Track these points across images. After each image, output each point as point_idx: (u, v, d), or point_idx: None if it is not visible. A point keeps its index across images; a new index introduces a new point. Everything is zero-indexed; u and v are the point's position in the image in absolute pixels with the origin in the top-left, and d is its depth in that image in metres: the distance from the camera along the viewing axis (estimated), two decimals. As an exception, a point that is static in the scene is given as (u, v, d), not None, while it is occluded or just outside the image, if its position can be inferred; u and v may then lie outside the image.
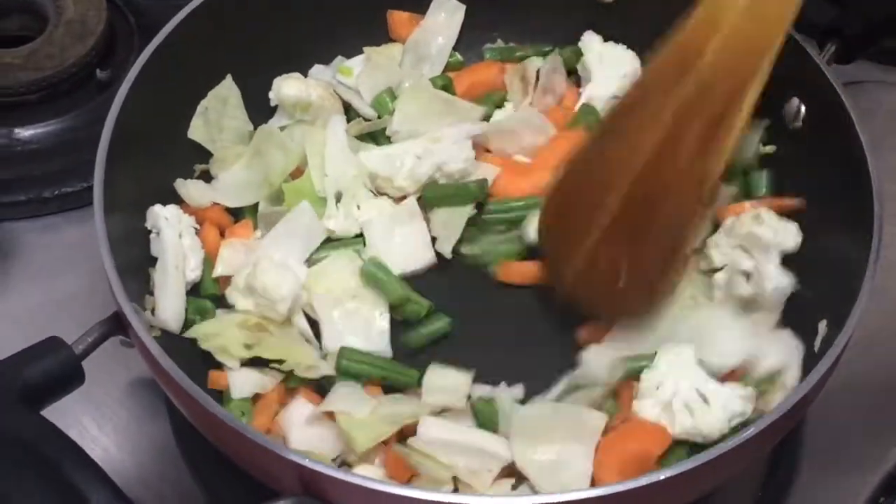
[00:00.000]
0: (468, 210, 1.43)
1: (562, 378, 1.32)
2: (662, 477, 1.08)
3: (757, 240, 1.35)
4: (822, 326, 1.29)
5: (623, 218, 1.29)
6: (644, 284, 1.34)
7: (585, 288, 1.36)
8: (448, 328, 1.37)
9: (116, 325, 1.23)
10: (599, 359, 1.33)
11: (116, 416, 1.43)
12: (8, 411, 1.11)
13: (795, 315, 1.35)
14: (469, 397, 1.30)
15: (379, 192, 1.46)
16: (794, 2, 1.24)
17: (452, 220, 1.42)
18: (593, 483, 1.22)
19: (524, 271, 1.42)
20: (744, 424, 1.25)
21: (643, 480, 1.08)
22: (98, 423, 1.42)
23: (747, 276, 1.36)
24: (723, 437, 1.24)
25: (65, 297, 1.52)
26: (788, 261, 1.37)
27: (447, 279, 1.43)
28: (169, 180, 1.43)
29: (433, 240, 1.43)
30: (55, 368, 1.17)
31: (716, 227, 1.41)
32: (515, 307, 1.42)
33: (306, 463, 1.08)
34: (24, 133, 1.65)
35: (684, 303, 1.35)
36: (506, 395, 1.31)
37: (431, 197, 1.44)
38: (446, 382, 1.31)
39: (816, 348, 1.28)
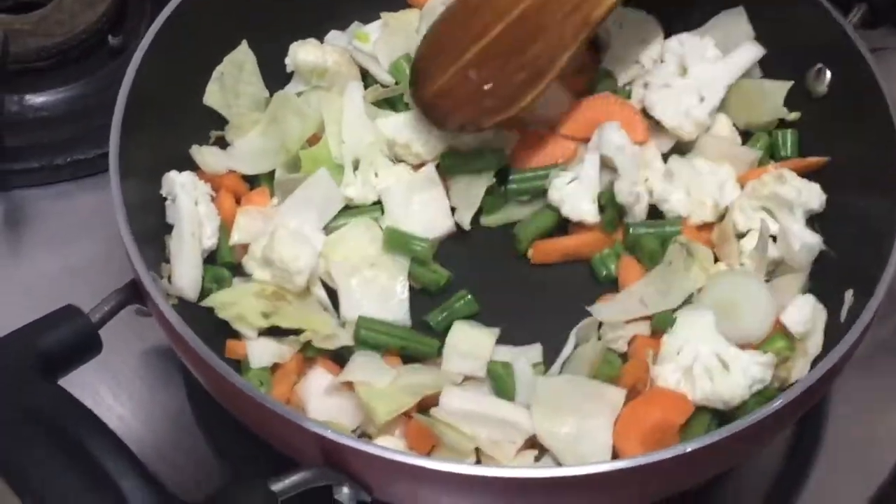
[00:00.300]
0: (488, 179, 1.41)
1: (573, 330, 1.30)
2: (689, 449, 1.06)
3: (781, 200, 1.34)
4: (849, 296, 1.27)
5: (498, 42, 1.39)
6: (505, 98, 1.38)
7: (446, 98, 1.40)
8: (475, 309, 1.34)
9: (133, 293, 1.21)
10: (611, 307, 1.32)
11: (132, 386, 1.42)
12: (25, 381, 1.09)
13: (819, 283, 1.33)
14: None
15: (397, 160, 1.43)
16: None
17: (471, 190, 1.40)
18: (614, 455, 1.21)
19: (557, 249, 1.40)
20: (764, 392, 1.24)
21: (669, 452, 1.07)
22: (113, 393, 1.41)
23: (773, 238, 1.34)
24: (743, 404, 1.23)
25: (78, 266, 1.51)
26: (814, 225, 1.36)
27: (467, 250, 1.42)
28: (184, 147, 1.41)
29: (452, 210, 1.41)
30: (72, 337, 1.15)
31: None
32: (536, 278, 1.40)
33: (328, 434, 1.07)
34: (36, 100, 1.63)
35: (710, 270, 1.33)
36: (524, 357, 1.29)
37: (449, 164, 1.42)
38: (469, 346, 1.29)
39: (842, 317, 1.26)
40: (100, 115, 1.55)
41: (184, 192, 1.33)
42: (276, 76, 1.50)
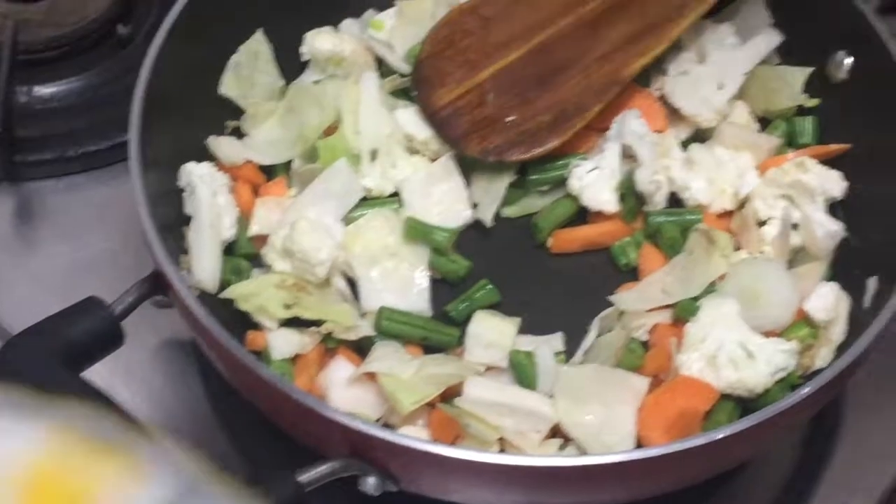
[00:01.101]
0: (510, 175, 1.40)
1: (595, 319, 1.30)
2: (720, 436, 1.06)
3: (802, 187, 1.33)
4: (872, 283, 1.27)
5: (518, 68, 1.40)
6: (529, 135, 1.38)
7: (460, 117, 1.40)
8: (496, 298, 1.33)
9: (155, 284, 1.20)
10: (632, 296, 1.31)
11: (149, 379, 1.40)
12: (49, 374, 1.08)
13: (842, 270, 1.33)
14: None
15: (414, 151, 1.43)
16: None
17: (493, 185, 1.40)
18: (639, 443, 1.21)
19: (577, 238, 1.39)
20: (787, 379, 1.24)
21: (696, 441, 1.07)
22: (130, 387, 1.39)
23: (795, 226, 1.34)
24: (766, 392, 1.23)
25: (91, 258, 1.49)
26: (835, 212, 1.36)
27: (486, 240, 1.41)
28: (201, 138, 1.40)
29: (474, 206, 1.40)
30: (94, 329, 1.15)
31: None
32: (556, 268, 1.39)
33: (356, 425, 1.06)
34: (45, 91, 1.61)
35: (731, 258, 1.32)
36: (546, 346, 1.28)
37: (471, 161, 1.41)
38: (491, 335, 1.28)
39: (866, 305, 1.26)
40: (110, 105, 1.55)
41: (202, 183, 1.32)
42: (291, 65, 1.49)
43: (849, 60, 1.40)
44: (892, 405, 1.41)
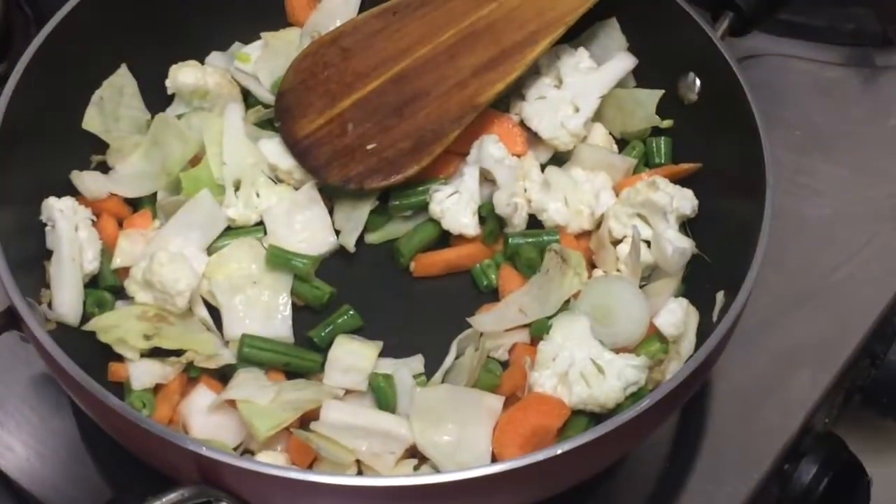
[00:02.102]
0: (371, 202, 1.43)
1: (454, 341, 1.33)
2: (559, 451, 1.09)
3: (654, 206, 1.37)
4: (720, 297, 1.30)
5: (377, 97, 1.44)
6: (390, 163, 1.42)
7: (321, 146, 1.42)
8: (358, 323, 1.36)
9: (10, 320, 1.21)
10: (490, 317, 1.34)
11: (19, 413, 1.41)
12: None
13: (693, 286, 1.37)
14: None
15: (278, 180, 1.45)
16: None
17: (355, 212, 1.43)
18: (494, 462, 1.23)
19: (438, 262, 1.42)
20: (639, 393, 1.27)
21: (541, 455, 1.09)
22: (1, 421, 1.40)
23: (647, 243, 1.37)
24: (618, 407, 1.26)
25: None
26: (686, 229, 1.40)
27: (350, 266, 1.43)
28: (64, 172, 1.41)
29: (337, 232, 1.42)
30: (-54, 366, 1.15)
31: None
32: (418, 291, 1.42)
33: (202, 451, 1.08)
34: (-80, 129, 1.61)
35: (582, 276, 1.35)
36: (406, 368, 1.31)
37: (333, 189, 1.44)
38: (352, 358, 1.30)
39: (715, 318, 1.30)
40: (-16, 142, 1.54)
41: (63, 218, 1.33)
42: (158, 98, 1.51)
43: (699, 82, 1.45)
44: (755, 399, 1.46)
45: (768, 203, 1.28)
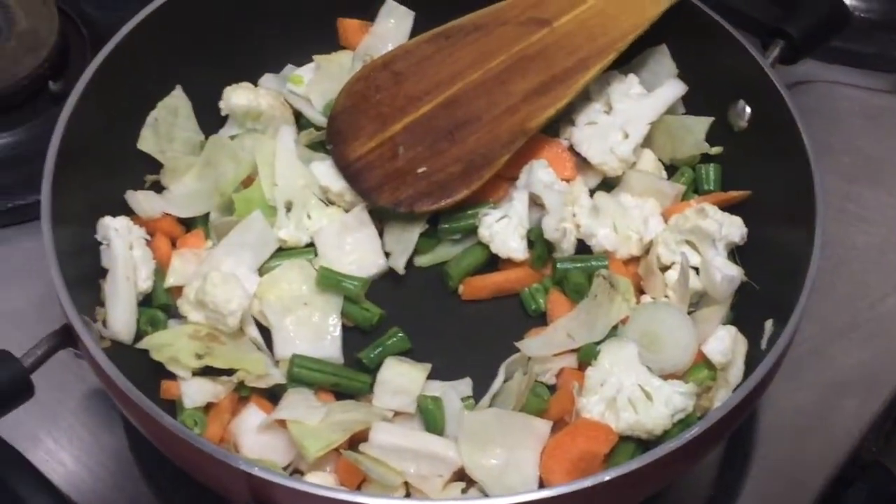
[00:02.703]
0: (421, 224, 1.44)
1: (502, 365, 1.33)
2: (607, 478, 1.09)
3: (703, 233, 1.37)
4: (769, 325, 1.30)
5: (428, 121, 1.45)
6: (440, 186, 1.43)
7: (373, 169, 1.44)
8: (407, 346, 1.37)
9: (66, 337, 1.23)
10: (538, 342, 1.35)
11: (71, 428, 1.43)
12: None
13: (741, 313, 1.37)
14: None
15: (329, 202, 1.46)
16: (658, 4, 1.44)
17: (405, 235, 1.44)
18: (541, 486, 1.23)
19: (487, 285, 1.43)
20: (686, 420, 1.27)
21: (589, 481, 1.10)
22: (53, 436, 1.42)
23: (696, 270, 1.38)
24: (665, 433, 1.26)
25: (18, 309, 1.52)
26: (735, 257, 1.40)
27: (399, 288, 1.44)
28: (119, 192, 1.43)
29: (386, 254, 1.43)
30: (3, 382, 1.17)
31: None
32: (467, 314, 1.43)
33: (255, 471, 1.09)
34: (-24, 146, 1.64)
35: (630, 301, 1.36)
36: (454, 391, 1.32)
37: (383, 212, 1.45)
38: (401, 380, 1.31)
39: (763, 346, 1.30)
40: (40, 160, 1.55)
41: (118, 236, 1.35)
42: (211, 119, 1.53)
43: (749, 110, 1.45)
44: (802, 428, 1.46)
45: (818, 231, 1.29)
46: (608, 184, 1.49)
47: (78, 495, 1.39)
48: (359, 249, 1.42)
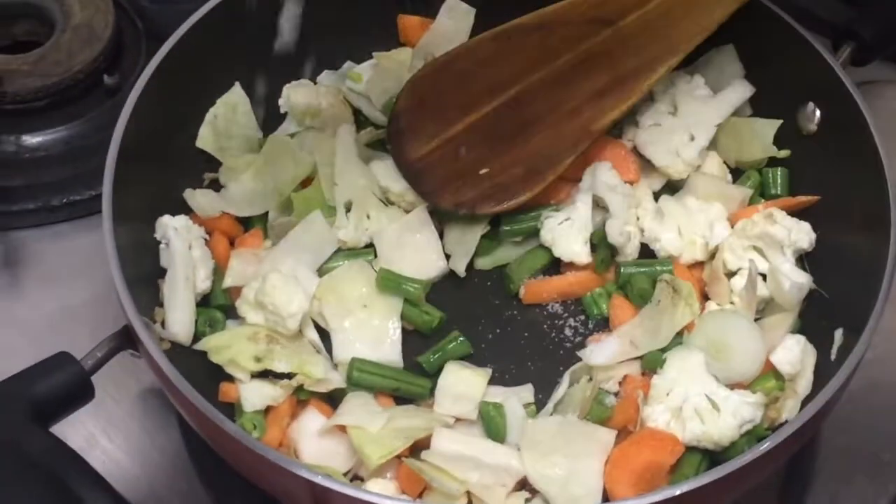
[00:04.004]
0: (483, 226, 1.42)
1: (566, 373, 1.31)
2: (678, 492, 1.07)
3: (771, 239, 1.35)
4: (839, 335, 1.28)
5: (491, 122, 1.42)
6: (502, 188, 1.41)
7: (434, 169, 1.42)
8: (468, 350, 1.35)
9: (126, 339, 1.22)
10: (602, 348, 1.32)
11: (127, 428, 1.42)
12: (18, 429, 1.10)
13: (810, 322, 1.34)
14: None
15: (389, 202, 1.44)
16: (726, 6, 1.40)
17: (466, 237, 1.42)
18: (605, 496, 1.21)
19: (548, 289, 1.41)
20: (753, 431, 1.25)
21: (659, 496, 1.08)
22: (109, 435, 1.41)
23: (763, 277, 1.35)
24: (732, 444, 1.24)
25: (75, 307, 1.51)
26: (803, 264, 1.37)
27: (459, 291, 1.43)
28: (178, 190, 1.42)
29: (447, 256, 1.41)
30: (64, 384, 1.16)
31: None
32: (528, 318, 1.41)
33: (318, 479, 1.08)
34: (32, 140, 1.63)
35: (692, 306, 1.33)
36: (515, 398, 1.30)
37: (445, 214, 1.43)
38: (462, 386, 1.30)
39: (833, 356, 1.27)
40: (96, 155, 1.57)
41: (177, 236, 1.34)
42: (269, 117, 1.51)
43: (818, 112, 1.42)
44: (867, 439, 1.42)
45: (893, 236, 1.25)
46: (672, 187, 1.46)
47: (133, 495, 1.37)
48: (419, 251, 1.41)
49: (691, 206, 1.41)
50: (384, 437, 1.22)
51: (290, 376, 1.29)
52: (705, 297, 1.38)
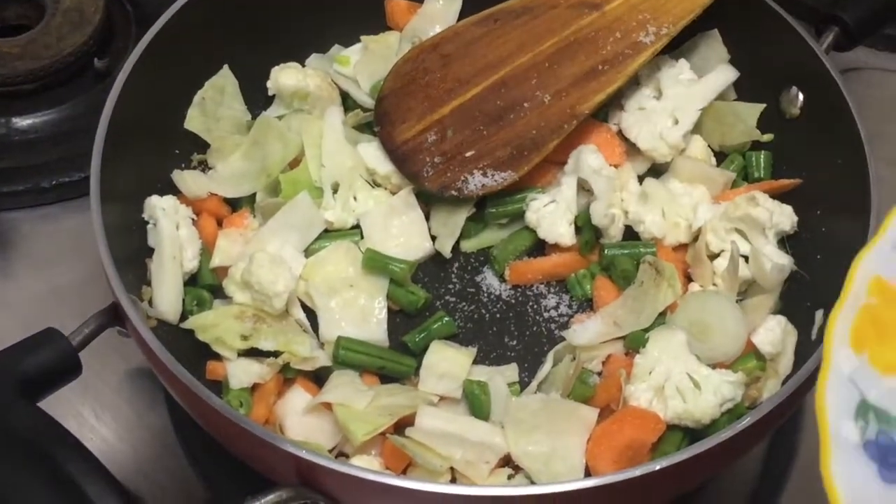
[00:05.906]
0: (468, 208, 1.43)
1: (550, 352, 1.33)
2: (658, 467, 1.08)
3: (753, 221, 1.36)
4: (819, 315, 1.29)
5: (477, 104, 1.43)
6: (481, 169, 1.42)
7: (420, 152, 1.43)
8: (452, 330, 1.36)
9: (114, 316, 1.23)
10: (585, 328, 1.33)
11: (115, 406, 1.43)
12: (4, 403, 1.11)
13: (791, 303, 1.36)
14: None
15: (375, 184, 1.45)
16: None
17: (452, 218, 1.43)
18: (588, 473, 1.23)
19: (533, 270, 1.42)
20: (734, 410, 1.26)
21: (638, 471, 1.09)
22: (96, 413, 1.42)
23: (745, 259, 1.36)
24: (713, 423, 1.25)
25: (64, 287, 1.52)
26: (785, 246, 1.38)
27: (445, 271, 1.44)
28: (166, 171, 1.43)
29: (433, 238, 1.43)
30: (52, 360, 1.17)
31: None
32: (514, 301, 1.42)
33: (303, 454, 1.09)
34: (22, 123, 1.64)
35: (675, 287, 1.35)
36: (500, 376, 1.31)
37: (430, 194, 1.44)
38: (446, 365, 1.31)
39: (814, 336, 1.29)
40: (85, 137, 1.56)
41: (165, 216, 1.35)
42: (257, 99, 1.52)
43: (801, 96, 1.43)
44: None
45: (872, 221, 1.27)
46: (657, 170, 1.48)
47: (120, 472, 1.38)
48: (405, 232, 1.42)
49: (675, 189, 1.42)
50: (369, 414, 1.24)
51: (276, 354, 1.30)
52: (688, 279, 1.39)
